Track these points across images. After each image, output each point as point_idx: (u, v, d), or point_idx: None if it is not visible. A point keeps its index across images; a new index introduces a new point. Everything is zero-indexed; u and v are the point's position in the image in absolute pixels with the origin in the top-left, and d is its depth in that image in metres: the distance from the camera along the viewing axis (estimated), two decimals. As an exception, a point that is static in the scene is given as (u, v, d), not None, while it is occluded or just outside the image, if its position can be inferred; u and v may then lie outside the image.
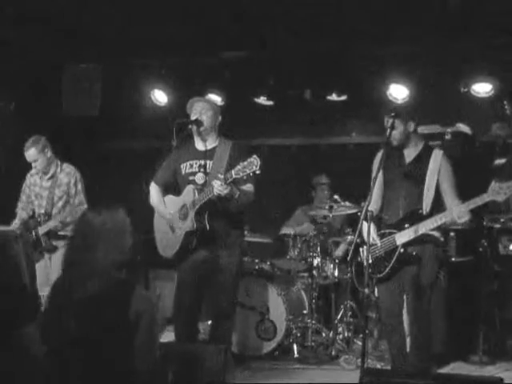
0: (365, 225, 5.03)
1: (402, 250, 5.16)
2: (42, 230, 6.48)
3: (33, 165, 6.53)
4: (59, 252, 6.37)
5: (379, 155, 5.40)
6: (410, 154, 5.38)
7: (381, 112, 5.54)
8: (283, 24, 6.92)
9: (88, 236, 3.42)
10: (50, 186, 6.56)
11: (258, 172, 4.95)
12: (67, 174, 6.57)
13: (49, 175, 6.58)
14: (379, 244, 5.24)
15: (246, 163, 4.98)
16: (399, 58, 7.49)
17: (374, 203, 5.27)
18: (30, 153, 6.46)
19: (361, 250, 5.32)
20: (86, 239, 3.42)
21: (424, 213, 5.17)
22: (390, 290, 5.31)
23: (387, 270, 5.20)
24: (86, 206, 6.43)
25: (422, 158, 5.30)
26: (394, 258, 5.17)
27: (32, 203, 6.69)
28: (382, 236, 5.27)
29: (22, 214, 6.73)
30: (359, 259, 5.36)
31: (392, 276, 5.23)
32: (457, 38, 7.03)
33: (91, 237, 3.41)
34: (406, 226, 5.15)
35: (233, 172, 5.04)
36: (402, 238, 5.16)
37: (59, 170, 6.58)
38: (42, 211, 6.55)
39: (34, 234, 6.50)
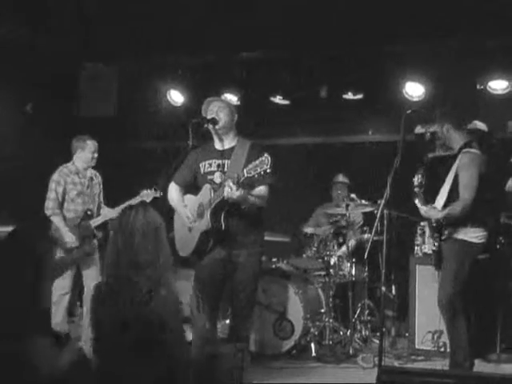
0: None
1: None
2: (94, 222, 6.76)
3: (93, 161, 6.76)
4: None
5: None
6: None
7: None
8: (299, 23, 6.92)
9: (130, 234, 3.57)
10: (87, 184, 6.80)
11: (268, 171, 4.95)
12: (94, 174, 6.91)
13: (87, 174, 6.83)
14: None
15: (257, 162, 4.98)
16: (415, 56, 7.49)
17: None
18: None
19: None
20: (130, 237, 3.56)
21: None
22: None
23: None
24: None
25: (452, 159, 5.55)
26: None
27: (73, 201, 6.73)
28: None
29: (69, 214, 6.72)
30: None
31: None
32: (473, 35, 7.02)
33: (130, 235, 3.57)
34: None
35: (245, 171, 5.04)
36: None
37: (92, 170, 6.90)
38: (91, 206, 6.79)
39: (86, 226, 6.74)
